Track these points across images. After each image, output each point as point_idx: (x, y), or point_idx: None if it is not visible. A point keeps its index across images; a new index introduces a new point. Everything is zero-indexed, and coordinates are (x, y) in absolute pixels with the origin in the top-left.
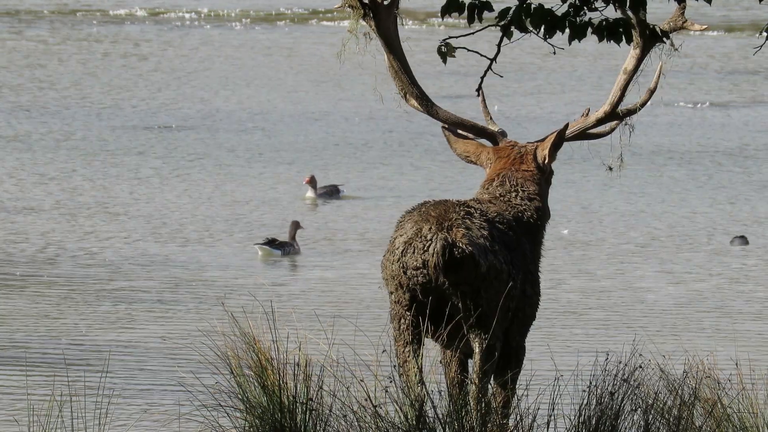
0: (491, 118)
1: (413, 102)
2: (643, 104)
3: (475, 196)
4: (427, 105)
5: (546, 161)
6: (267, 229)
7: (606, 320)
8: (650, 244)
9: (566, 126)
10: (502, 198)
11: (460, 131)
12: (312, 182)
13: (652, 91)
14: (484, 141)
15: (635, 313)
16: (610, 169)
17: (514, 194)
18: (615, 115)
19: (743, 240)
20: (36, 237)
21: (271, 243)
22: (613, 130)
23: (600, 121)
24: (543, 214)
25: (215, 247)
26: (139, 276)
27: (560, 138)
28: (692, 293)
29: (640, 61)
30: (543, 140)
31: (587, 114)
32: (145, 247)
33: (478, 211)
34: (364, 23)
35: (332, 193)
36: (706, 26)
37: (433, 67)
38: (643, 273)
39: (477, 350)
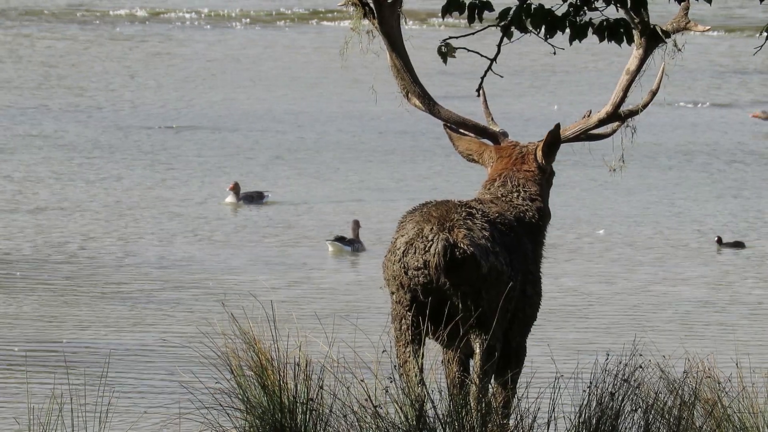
0: (492, 119)
1: (415, 101)
2: (644, 105)
3: (476, 196)
4: (429, 104)
5: (542, 161)
6: (264, 229)
7: (607, 320)
8: (652, 243)
9: (557, 126)
10: (503, 198)
11: (461, 130)
12: (235, 188)
13: (654, 93)
14: (485, 140)
15: (637, 313)
16: (613, 169)
17: (515, 194)
18: (617, 116)
19: (737, 244)
20: (40, 237)
21: (342, 240)
22: (614, 131)
23: (602, 122)
24: (544, 214)
25: (216, 246)
26: (139, 276)
27: (553, 138)
28: (694, 293)
29: (642, 61)
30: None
31: (589, 115)
32: (145, 247)
33: (480, 212)
34: (367, 22)
35: (254, 198)
36: (708, 27)
37: (438, 65)
38: (644, 272)
39: (477, 350)
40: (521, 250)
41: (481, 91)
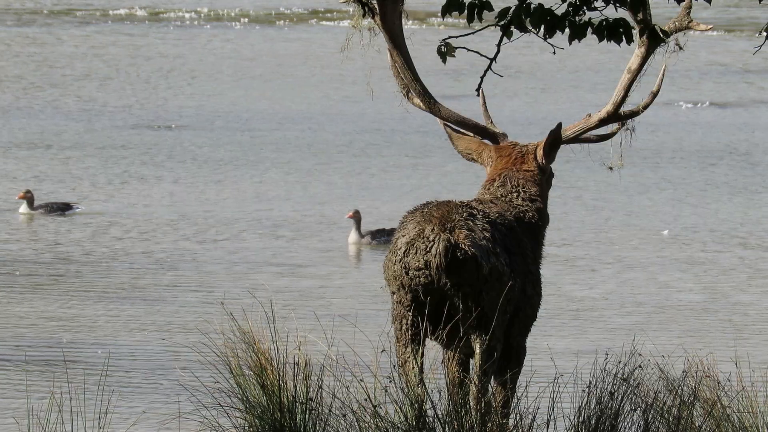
0: (491, 121)
1: (416, 100)
2: (645, 106)
3: (476, 196)
4: (429, 102)
5: (543, 161)
6: (262, 229)
7: (607, 320)
8: (653, 243)
9: (559, 125)
10: (503, 198)
11: (461, 129)
12: (26, 196)
13: (654, 94)
14: (485, 140)
15: (637, 313)
16: (611, 168)
17: (515, 195)
18: (617, 116)
19: None
20: (39, 237)
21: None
22: (614, 133)
23: (602, 122)
24: (543, 215)
25: (215, 246)
26: (138, 276)
27: (554, 138)
28: (694, 293)
29: (644, 60)
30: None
31: (589, 117)
32: (144, 247)
33: (481, 213)
34: (368, 20)
35: (54, 209)
36: (711, 26)
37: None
38: (645, 272)
39: (477, 351)
40: (521, 250)
41: (480, 93)
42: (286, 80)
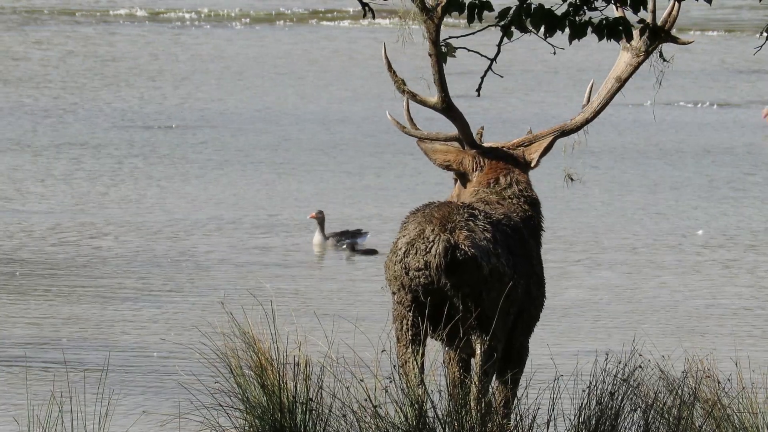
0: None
1: (430, 99)
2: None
3: (480, 195)
4: (446, 102)
5: (533, 165)
6: (267, 229)
7: (607, 320)
8: (654, 243)
9: (562, 130)
10: (511, 200)
11: (435, 139)
12: None
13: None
14: (454, 143)
15: (637, 313)
16: (571, 179)
17: (523, 199)
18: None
19: (370, 251)
20: (39, 237)
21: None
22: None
23: (578, 129)
24: (541, 216)
25: (215, 246)
26: (138, 275)
27: (554, 142)
28: (695, 293)
29: (635, 69)
30: (529, 144)
31: (530, 131)
32: (145, 246)
33: (483, 213)
34: (415, 22)
35: None
36: (692, 40)
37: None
38: (645, 272)
39: (478, 351)
40: (526, 252)
41: (478, 92)
42: (286, 80)
